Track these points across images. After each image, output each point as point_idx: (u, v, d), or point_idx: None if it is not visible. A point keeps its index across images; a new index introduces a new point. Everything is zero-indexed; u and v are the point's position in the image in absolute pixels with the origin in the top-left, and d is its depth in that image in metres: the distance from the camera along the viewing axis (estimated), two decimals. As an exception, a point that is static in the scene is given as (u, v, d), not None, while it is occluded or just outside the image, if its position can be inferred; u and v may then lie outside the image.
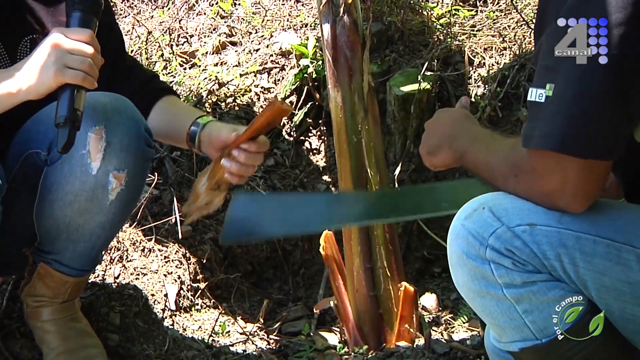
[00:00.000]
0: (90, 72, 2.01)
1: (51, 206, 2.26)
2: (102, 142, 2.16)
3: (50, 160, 2.21)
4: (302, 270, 3.46)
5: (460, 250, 1.74)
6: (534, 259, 1.68)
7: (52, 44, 1.99)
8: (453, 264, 1.78)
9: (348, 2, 2.60)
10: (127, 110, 2.23)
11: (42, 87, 2.00)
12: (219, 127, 2.32)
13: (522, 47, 3.55)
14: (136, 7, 4.20)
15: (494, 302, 1.73)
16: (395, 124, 3.44)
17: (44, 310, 2.48)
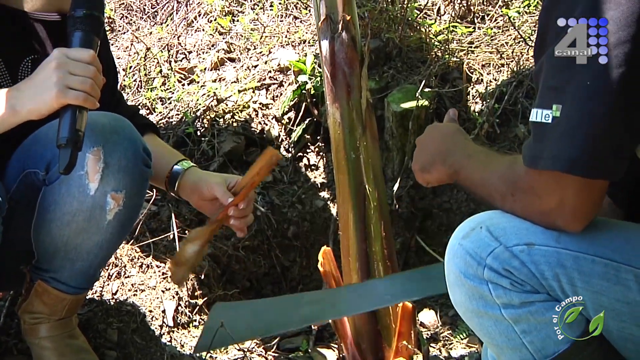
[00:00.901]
0: (92, 93, 2.00)
1: (49, 225, 2.26)
2: (100, 163, 2.16)
3: (48, 180, 2.21)
4: (301, 287, 3.45)
5: (458, 270, 1.73)
6: (532, 279, 1.68)
7: (54, 65, 1.98)
8: (451, 283, 1.77)
9: (346, 18, 2.60)
10: (125, 131, 2.23)
11: (44, 107, 1.99)
12: (207, 179, 2.37)
13: (520, 64, 3.56)
14: (135, 23, 4.21)
15: (491, 322, 1.72)
16: (394, 140, 3.44)
17: (42, 327, 2.47)
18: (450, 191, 3.44)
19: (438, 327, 2.99)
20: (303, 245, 3.45)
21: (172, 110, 3.62)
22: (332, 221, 3.42)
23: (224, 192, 2.32)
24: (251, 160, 3.53)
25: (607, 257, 1.65)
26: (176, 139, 3.48)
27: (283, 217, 3.42)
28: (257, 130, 3.60)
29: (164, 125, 3.55)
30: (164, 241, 3.20)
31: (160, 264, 3.12)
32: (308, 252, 3.42)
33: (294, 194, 3.49)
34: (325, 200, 3.50)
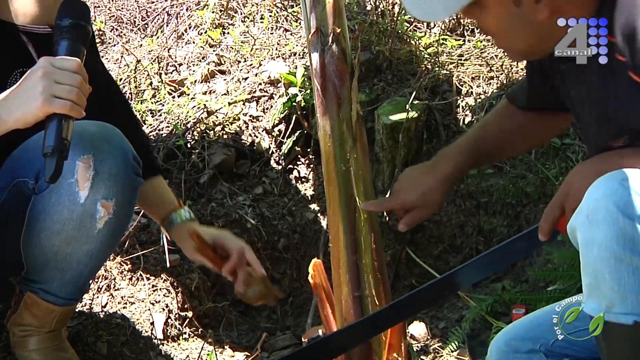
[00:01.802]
0: (78, 102, 1.99)
1: (39, 235, 2.26)
2: (90, 171, 2.16)
3: (38, 189, 2.21)
4: (291, 299, 3.45)
5: (615, 205, 1.64)
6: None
7: (40, 73, 1.96)
8: (599, 219, 1.66)
9: (337, 31, 2.61)
10: (115, 139, 2.23)
11: (30, 116, 1.97)
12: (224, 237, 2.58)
13: (509, 77, 3.57)
14: (125, 35, 4.21)
15: (631, 270, 1.64)
16: (384, 152, 3.45)
17: (31, 339, 2.47)
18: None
19: (428, 340, 2.99)
20: (293, 257, 3.45)
21: (162, 123, 3.62)
22: (323, 233, 3.42)
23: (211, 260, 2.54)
24: (242, 173, 3.53)
25: None
26: (166, 152, 3.48)
27: (273, 229, 3.42)
28: (248, 142, 3.61)
29: (154, 137, 3.55)
30: (154, 254, 3.19)
31: (149, 277, 3.11)
32: (298, 264, 3.42)
33: (284, 206, 3.48)
34: (315, 213, 3.50)
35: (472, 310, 2.91)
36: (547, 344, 2.09)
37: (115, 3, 4.37)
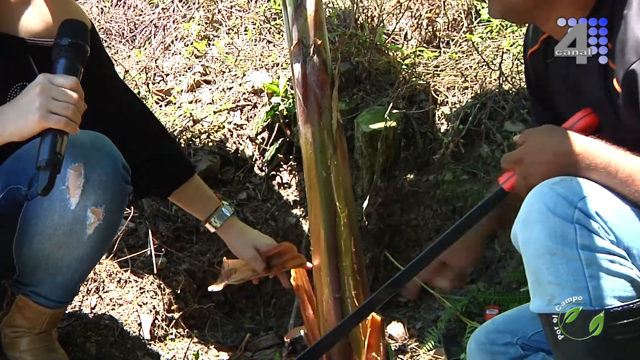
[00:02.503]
0: (73, 118, 2.00)
1: (30, 239, 2.25)
2: (81, 179, 2.16)
3: (30, 195, 2.21)
4: (274, 301, 3.44)
5: (546, 207, 1.72)
6: (618, 229, 1.71)
7: (38, 90, 1.97)
8: (532, 220, 1.75)
9: (318, 43, 2.60)
10: (105, 148, 2.23)
11: (26, 130, 1.99)
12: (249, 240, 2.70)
13: (483, 87, 3.58)
14: (114, 47, 4.20)
15: (564, 261, 1.71)
16: (363, 159, 3.45)
17: (22, 340, 2.46)
18: (417, 208, 3.45)
19: (406, 340, 2.99)
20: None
21: (149, 131, 3.61)
22: (304, 237, 3.41)
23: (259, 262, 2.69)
24: (226, 179, 3.52)
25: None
26: (154, 158, 3.47)
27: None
28: (232, 149, 3.60)
29: (141, 145, 3.54)
30: (142, 257, 3.19)
31: (137, 279, 3.10)
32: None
33: (267, 211, 3.48)
34: (297, 217, 3.49)
35: (448, 311, 2.92)
36: (524, 337, 2.11)
37: (104, 16, 4.36)
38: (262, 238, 2.73)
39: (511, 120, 3.43)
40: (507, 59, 3.62)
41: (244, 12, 4.20)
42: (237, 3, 4.26)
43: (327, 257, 2.57)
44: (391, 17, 3.96)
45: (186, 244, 3.31)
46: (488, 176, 3.31)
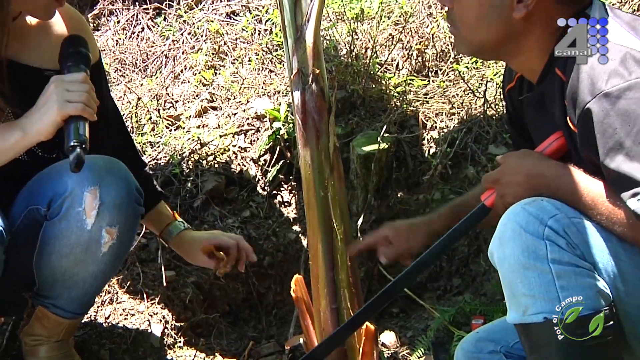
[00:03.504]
0: (89, 103, 2.08)
1: (49, 257, 2.25)
2: (96, 201, 2.17)
3: (49, 215, 2.21)
4: (275, 311, 3.43)
5: (519, 225, 1.74)
6: (583, 245, 1.72)
7: (52, 87, 2.05)
8: (506, 238, 1.76)
9: (316, 72, 2.61)
10: (120, 173, 2.24)
11: (50, 124, 2.05)
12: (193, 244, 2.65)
13: (469, 113, 3.58)
14: (127, 76, 4.20)
15: (536, 274, 1.72)
16: (358, 179, 3.45)
17: (41, 348, 2.45)
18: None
19: (397, 347, 2.98)
20: (277, 274, 3.44)
21: (160, 153, 3.61)
22: (303, 252, 3.41)
23: (210, 264, 2.64)
24: (231, 198, 3.52)
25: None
26: (164, 179, 3.47)
27: (259, 248, 3.40)
28: (237, 170, 3.60)
29: (153, 166, 3.54)
30: (152, 270, 3.18)
31: (148, 291, 3.10)
32: (282, 280, 3.41)
33: (269, 227, 3.47)
34: (297, 233, 3.49)
35: (437, 321, 2.91)
36: (506, 346, 2.11)
37: (119, 47, 4.36)
38: (204, 239, 2.66)
39: (495, 143, 3.43)
40: (491, 87, 3.63)
41: (248, 43, 4.21)
42: (241, 35, 4.26)
43: (324, 271, 2.57)
44: (384, 48, 3.97)
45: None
46: (474, 195, 3.31)
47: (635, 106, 1.68)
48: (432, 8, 4.07)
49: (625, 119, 1.68)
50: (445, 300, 3.22)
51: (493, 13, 1.88)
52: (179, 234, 2.63)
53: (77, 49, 2.19)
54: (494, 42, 1.93)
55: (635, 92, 1.69)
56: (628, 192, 1.68)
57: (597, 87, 1.72)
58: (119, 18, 4.54)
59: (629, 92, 1.69)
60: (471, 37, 1.96)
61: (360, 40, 3.94)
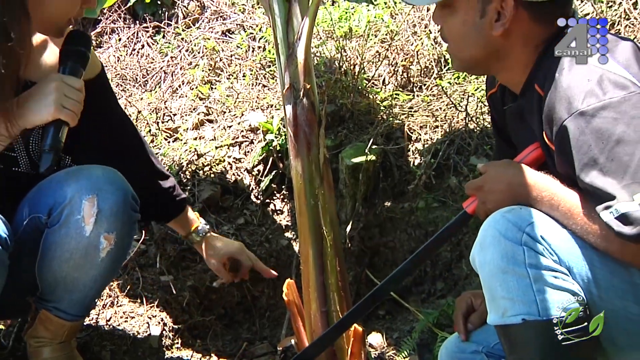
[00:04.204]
0: (78, 113, 2.12)
1: (51, 262, 2.25)
2: (94, 209, 2.18)
3: (50, 223, 2.21)
4: (268, 313, 3.42)
5: (498, 231, 1.75)
6: (560, 250, 1.73)
7: (54, 86, 2.08)
8: (486, 244, 1.78)
9: (307, 87, 2.61)
10: (116, 182, 2.25)
11: (41, 119, 2.09)
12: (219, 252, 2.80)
13: (451, 126, 3.59)
14: (128, 90, 4.20)
15: (514, 278, 1.73)
16: (347, 189, 3.44)
17: (45, 349, 2.44)
18: (394, 232, 3.44)
19: (384, 348, 2.97)
20: (270, 278, 3.43)
21: (159, 164, 3.60)
22: (295, 257, 3.40)
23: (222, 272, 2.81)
24: (226, 206, 3.52)
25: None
26: (162, 188, 3.46)
27: (253, 253, 3.39)
28: (232, 180, 3.59)
29: (152, 176, 3.53)
30: (151, 275, 3.17)
31: (148, 295, 3.09)
32: (274, 284, 3.40)
33: (262, 234, 3.47)
34: (288, 240, 3.48)
35: (421, 323, 2.91)
36: (488, 346, 2.11)
37: (120, 63, 4.35)
38: (226, 253, 2.82)
39: (476, 155, 3.43)
40: (472, 101, 3.63)
41: (243, 60, 4.21)
42: (236, 52, 4.26)
43: (314, 275, 2.57)
44: (371, 64, 3.98)
45: (191, 264, 3.29)
46: (456, 204, 3.31)
47: (608, 125, 1.69)
48: (416, 27, 4.08)
49: (599, 137, 1.69)
50: (429, 303, 3.22)
51: (474, 31, 1.91)
52: (204, 237, 2.77)
53: (78, 48, 2.21)
54: (479, 58, 1.96)
55: (609, 112, 1.70)
56: (601, 205, 1.69)
57: (573, 106, 1.73)
58: (121, 36, 4.54)
59: (603, 112, 1.70)
60: (459, 53, 2.00)
61: (349, 57, 3.95)
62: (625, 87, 1.72)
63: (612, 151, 1.68)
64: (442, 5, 1.95)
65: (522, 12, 1.87)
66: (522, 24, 1.88)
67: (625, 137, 1.68)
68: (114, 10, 4.57)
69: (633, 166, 1.66)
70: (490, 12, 1.88)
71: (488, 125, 3.49)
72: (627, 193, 1.65)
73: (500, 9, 1.87)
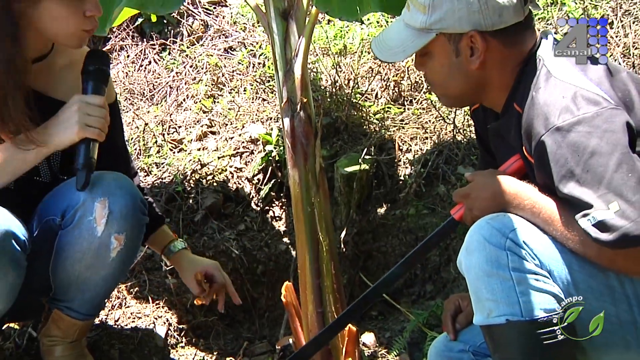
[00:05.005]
0: (104, 129, 2.14)
1: (64, 262, 2.25)
2: (105, 211, 2.18)
3: (63, 225, 2.22)
4: (267, 314, 3.42)
5: (483, 237, 1.76)
6: (542, 255, 1.74)
7: (76, 107, 2.10)
8: (472, 248, 1.78)
9: (304, 101, 2.62)
10: (126, 186, 2.25)
11: (68, 140, 2.11)
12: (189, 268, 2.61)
13: (440, 137, 3.60)
14: (136, 104, 4.20)
15: (499, 281, 1.74)
16: (341, 197, 3.45)
17: (57, 348, 2.44)
18: (386, 237, 3.45)
19: (377, 347, 2.98)
20: (269, 281, 3.43)
21: (165, 173, 3.60)
22: (292, 261, 3.40)
23: (194, 287, 2.58)
24: (228, 213, 3.52)
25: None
26: (168, 196, 3.47)
27: (253, 258, 3.40)
28: (233, 188, 3.60)
29: (158, 185, 3.54)
30: (157, 278, 3.17)
31: (154, 296, 3.09)
32: (273, 286, 3.40)
33: (262, 239, 3.47)
34: (287, 245, 3.49)
35: (412, 323, 2.91)
36: (474, 345, 2.11)
37: (128, 78, 4.36)
38: (199, 266, 2.62)
39: (463, 164, 3.44)
40: (460, 114, 3.65)
41: (244, 75, 4.21)
42: (237, 68, 4.27)
43: (311, 278, 2.57)
44: (364, 79, 3.99)
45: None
46: (444, 211, 3.32)
47: (583, 138, 1.71)
48: (407, 44, 4.09)
49: (575, 150, 1.71)
50: (419, 304, 3.22)
51: (454, 70, 1.95)
52: (178, 252, 2.62)
53: (100, 67, 2.22)
54: (464, 92, 2.00)
55: (583, 126, 1.72)
56: (580, 213, 1.71)
57: (550, 122, 1.75)
58: (129, 53, 4.55)
59: (578, 126, 1.72)
60: (446, 92, 2.03)
61: (343, 73, 3.96)
62: (598, 103, 1.75)
63: (587, 163, 1.70)
64: (421, 54, 2.00)
65: (491, 41, 1.90)
66: (495, 52, 1.91)
67: (599, 149, 1.70)
68: (122, 29, 4.58)
69: (607, 177, 1.68)
70: (463, 49, 1.91)
71: (474, 137, 3.50)
72: (603, 202, 1.67)
73: (471, 44, 1.90)
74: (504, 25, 1.88)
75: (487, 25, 1.87)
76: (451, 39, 1.92)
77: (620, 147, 1.70)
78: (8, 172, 2.13)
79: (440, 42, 1.93)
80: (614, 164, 1.68)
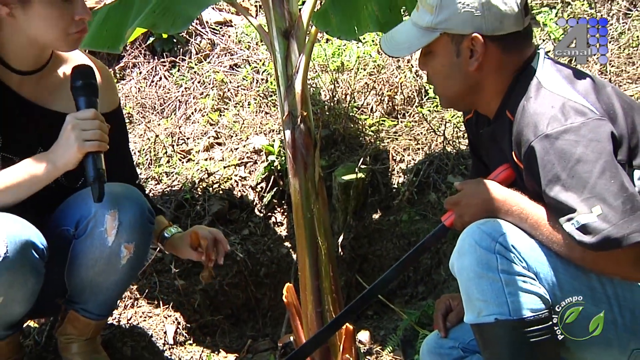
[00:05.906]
0: (102, 139, 2.06)
1: (78, 269, 2.25)
2: (116, 222, 2.18)
3: (77, 235, 2.22)
4: (270, 313, 3.41)
5: (474, 241, 1.76)
6: (529, 258, 1.74)
7: (70, 127, 2.04)
8: (464, 251, 1.78)
9: (304, 114, 2.62)
10: (134, 198, 2.24)
11: (73, 159, 2.05)
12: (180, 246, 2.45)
13: (431, 148, 3.60)
14: (147, 117, 4.21)
15: (488, 283, 1.74)
16: (339, 204, 3.45)
17: (73, 345, 2.44)
18: (381, 242, 3.44)
19: (372, 344, 2.97)
20: (271, 282, 3.42)
21: (174, 181, 3.60)
22: (293, 264, 3.40)
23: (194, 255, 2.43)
24: (233, 219, 3.52)
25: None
26: (177, 203, 3.47)
27: (257, 261, 3.40)
28: (238, 196, 3.60)
29: (168, 192, 3.53)
30: (167, 279, 3.17)
31: (163, 297, 3.08)
32: (275, 288, 3.39)
33: (264, 243, 3.47)
34: (288, 249, 3.48)
35: (405, 322, 2.90)
36: (464, 342, 2.11)
37: (140, 93, 4.36)
38: (187, 233, 2.48)
39: (453, 174, 3.44)
40: (450, 127, 3.65)
41: (248, 90, 4.22)
42: (242, 84, 4.28)
43: (310, 280, 2.57)
44: (360, 94, 3.99)
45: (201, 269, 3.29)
46: (435, 217, 3.32)
47: (570, 146, 1.71)
48: (400, 62, 4.10)
49: (562, 156, 1.71)
50: (412, 304, 3.22)
51: (454, 70, 1.94)
52: (171, 236, 2.49)
53: (88, 81, 2.13)
54: (461, 94, 1.98)
55: (570, 135, 1.72)
56: (564, 217, 1.70)
57: (539, 130, 1.75)
58: (141, 69, 4.55)
59: (566, 135, 1.72)
60: (445, 92, 2.02)
61: (341, 88, 3.97)
62: (584, 113, 1.75)
63: (573, 169, 1.70)
64: (424, 53, 1.99)
65: (491, 46, 1.89)
66: (493, 57, 1.90)
67: (584, 157, 1.70)
68: (135, 47, 4.59)
69: (591, 182, 1.68)
70: (464, 50, 1.91)
71: (463, 147, 3.50)
72: (587, 206, 1.67)
73: (471, 46, 1.89)
74: (504, 32, 1.88)
75: (488, 30, 1.87)
76: (454, 40, 1.91)
77: (605, 155, 1.70)
78: (22, 192, 2.08)
79: (444, 41, 1.92)
80: (598, 170, 1.69)
